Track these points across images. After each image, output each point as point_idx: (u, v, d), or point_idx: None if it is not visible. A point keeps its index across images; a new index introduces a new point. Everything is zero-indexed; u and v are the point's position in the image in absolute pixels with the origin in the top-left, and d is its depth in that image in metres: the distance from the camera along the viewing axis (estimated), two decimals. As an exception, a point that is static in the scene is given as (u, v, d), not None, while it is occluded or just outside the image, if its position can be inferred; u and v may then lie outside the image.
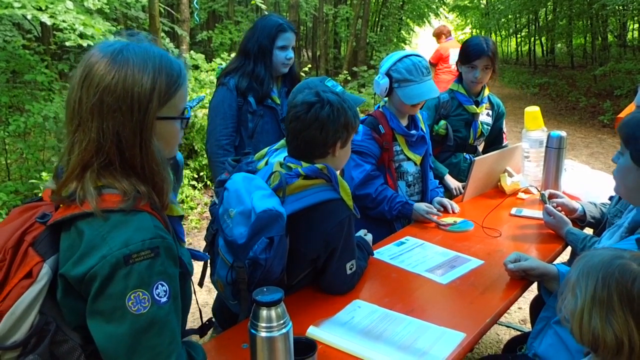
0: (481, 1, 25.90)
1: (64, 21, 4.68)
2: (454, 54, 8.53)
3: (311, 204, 1.81)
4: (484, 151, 3.40)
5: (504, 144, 3.41)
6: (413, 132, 2.75)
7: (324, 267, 1.92)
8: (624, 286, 1.22)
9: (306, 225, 1.82)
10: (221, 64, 3.29)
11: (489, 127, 3.35)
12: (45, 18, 4.53)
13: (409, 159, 2.76)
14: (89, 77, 1.19)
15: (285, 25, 2.89)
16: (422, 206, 2.68)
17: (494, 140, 3.42)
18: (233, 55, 3.79)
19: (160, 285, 1.17)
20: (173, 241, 1.23)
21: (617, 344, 1.21)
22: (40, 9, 4.57)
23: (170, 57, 1.29)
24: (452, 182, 3.17)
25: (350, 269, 1.94)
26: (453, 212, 2.75)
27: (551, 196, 2.66)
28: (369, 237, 2.29)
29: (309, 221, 1.82)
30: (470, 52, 3.10)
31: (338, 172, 1.97)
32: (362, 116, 2.79)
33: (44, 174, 4.64)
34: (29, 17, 4.59)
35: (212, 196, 3.89)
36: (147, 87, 1.21)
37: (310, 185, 1.85)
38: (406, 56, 2.64)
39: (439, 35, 8.98)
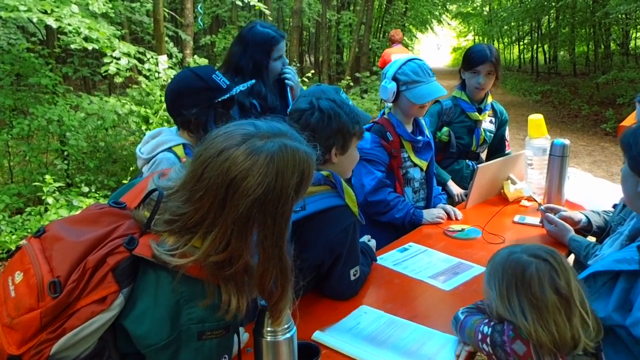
0: (484, 8, 25.99)
1: (69, 25, 4.71)
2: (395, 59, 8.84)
3: (316, 211, 1.82)
4: (487, 159, 3.41)
5: (507, 152, 3.42)
6: (419, 137, 2.77)
7: (328, 273, 1.92)
8: (518, 275, 1.46)
9: (311, 231, 1.83)
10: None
11: (492, 135, 3.36)
12: (50, 21, 4.55)
13: (415, 165, 2.77)
14: (236, 184, 1.13)
15: (277, 37, 2.79)
16: (434, 211, 2.74)
17: (496, 147, 3.43)
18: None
19: (224, 359, 1.22)
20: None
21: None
22: (45, 12, 4.60)
23: (309, 153, 1.23)
24: (455, 189, 3.17)
25: (354, 275, 1.94)
26: (456, 218, 2.76)
27: (552, 210, 2.64)
28: (373, 243, 2.30)
29: (314, 228, 1.83)
30: (473, 58, 3.13)
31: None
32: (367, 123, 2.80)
33: (47, 176, 4.65)
34: (34, 20, 4.61)
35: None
36: (291, 198, 1.18)
37: (315, 192, 1.86)
38: (410, 60, 2.69)
39: (390, 40, 9.35)
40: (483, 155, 3.43)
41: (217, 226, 1.15)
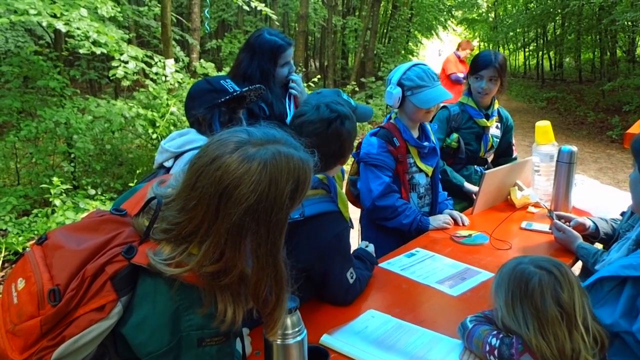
0: (489, 15, 26.00)
1: (78, 28, 4.73)
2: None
3: (310, 215, 1.81)
4: (494, 164, 3.42)
5: (513, 156, 3.44)
6: (425, 143, 2.77)
7: (326, 281, 1.91)
8: (522, 286, 1.49)
9: (303, 235, 1.81)
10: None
11: (498, 140, 3.38)
12: (60, 25, 4.57)
13: (420, 170, 2.77)
14: (228, 192, 1.12)
15: (284, 45, 2.82)
16: (440, 217, 2.75)
17: (504, 153, 3.45)
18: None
19: None
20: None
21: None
22: (55, 16, 4.63)
23: (304, 159, 1.21)
24: (473, 187, 3.18)
25: (351, 277, 1.94)
26: (463, 224, 2.76)
27: (563, 218, 2.64)
28: (371, 248, 2.31)
29: (307, 232, 1.82)
30: (477, 63, 3.17)
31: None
32: (373, 128, 2.82)
33: (54, 178, 4.66)
34: (44, 24, 4.64)
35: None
36: (286, 205, 1.17)
37: (310, 196, 1.86)
38: (414, 65, 2.70)
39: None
40: (490, 160, 3.44)
41: (211, 236, 1.14)
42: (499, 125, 3.37)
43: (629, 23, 13.36)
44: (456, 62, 8.56)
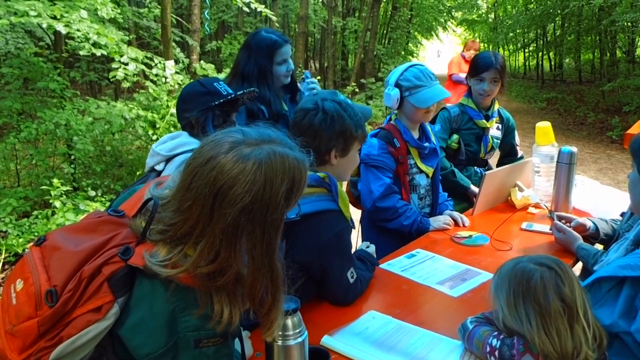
0: (489, 15, 26.00)
1: (78, 30, 4.73)
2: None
3: (309, 212, 1.81)
4: (499, 163, 3.42)
5: (519, 156, 3.46)
6: (426, 144, 2.77)
7: (326, 280, 1.91)
8: (524, 283, 1.49)
9: (302, 232, 1.81)
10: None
11: (499, 141, 3.38)
12: (60, 27, 4.57)
13: (421, 171, 2.78)
14: (223, 193, 1.12)
15: (280, 41, 2.83)
16: (440, 218, 2.75)
17: (508, 154, 3.48)
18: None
19: None
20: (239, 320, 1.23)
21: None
22: (55, 18, 4.62)
23: (299, 159, 1.21)
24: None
25: (352, 276, 1.94)
26: (463, 225, 2.76)
27: (563, 219, 2.65)
28: (372, 249, 2.30)
29: (306, 229, 1.81)
30: (478, 65, 3.16)
31: (345, 181, 1.97)
32: (373, 129, 2.82)
33: (55, 180, 4.67)
34: (44, 25, 4.64)
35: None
36: (281, 205, 1.16)
37: (310, 194, 1.85)
38: (411, 66, 2.71)
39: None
40: (491, 162, 3.44)
41: (206, 236, 1.14)
42: (500, 126, 3.37)
43: (629, 24, 13.37)
44: (460, 63, 8.55)
